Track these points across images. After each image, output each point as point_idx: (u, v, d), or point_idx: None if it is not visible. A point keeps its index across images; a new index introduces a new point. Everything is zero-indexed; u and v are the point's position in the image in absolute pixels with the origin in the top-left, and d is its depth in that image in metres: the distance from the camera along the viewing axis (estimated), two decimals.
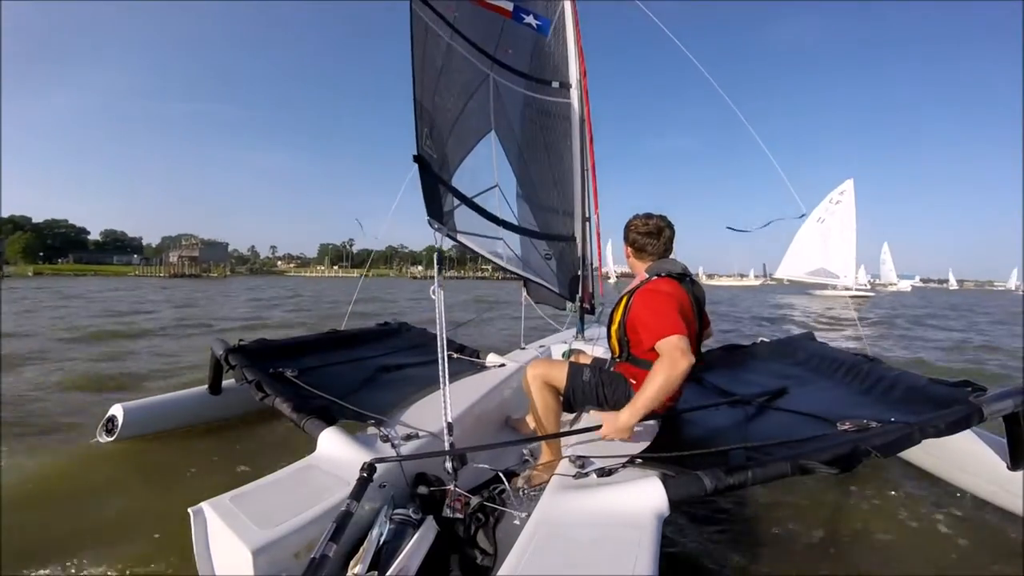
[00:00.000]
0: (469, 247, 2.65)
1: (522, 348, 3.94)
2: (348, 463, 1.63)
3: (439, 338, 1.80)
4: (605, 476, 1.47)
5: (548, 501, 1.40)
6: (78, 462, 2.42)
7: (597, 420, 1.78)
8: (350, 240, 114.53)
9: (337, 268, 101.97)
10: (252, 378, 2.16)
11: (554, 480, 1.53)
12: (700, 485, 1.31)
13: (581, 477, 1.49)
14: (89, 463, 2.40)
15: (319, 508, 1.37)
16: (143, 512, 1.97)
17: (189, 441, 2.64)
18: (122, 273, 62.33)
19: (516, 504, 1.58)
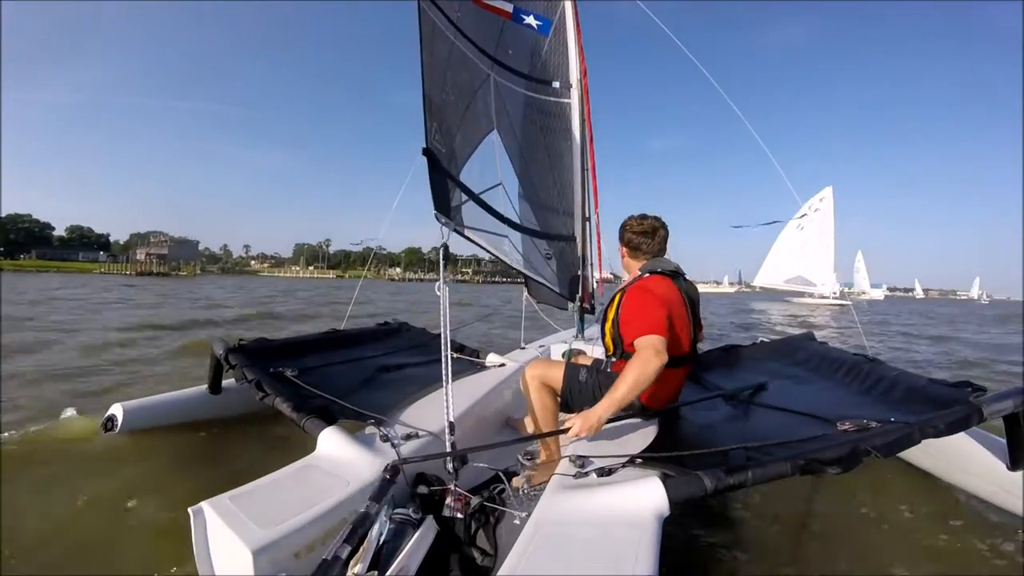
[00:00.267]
0: (477, 243, 2.64)
1: (522, 348, 3.94)
2: (348, 463, 1.63)
3: (443, 336, 1.79)
4: (605, 476, 1.47)
5: (548, 501, 1.40)
6: (78, 461, 2.42)
7: None
8: (326, 240, 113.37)
9: (312, 269, 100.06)
10: (252, 378, 2.16)
11: (554, 480, 1.53)
12: (700, 485, 1.31)
13: (581, 477, 1.49)
14: (89, 462, 2.40)
15: (319, 508, 1.37)
16: (143, 512, 1.97)
17: (189, 440, 2.64)
18: (87, 270, 59.21)
19: (516, 504, 1.58)
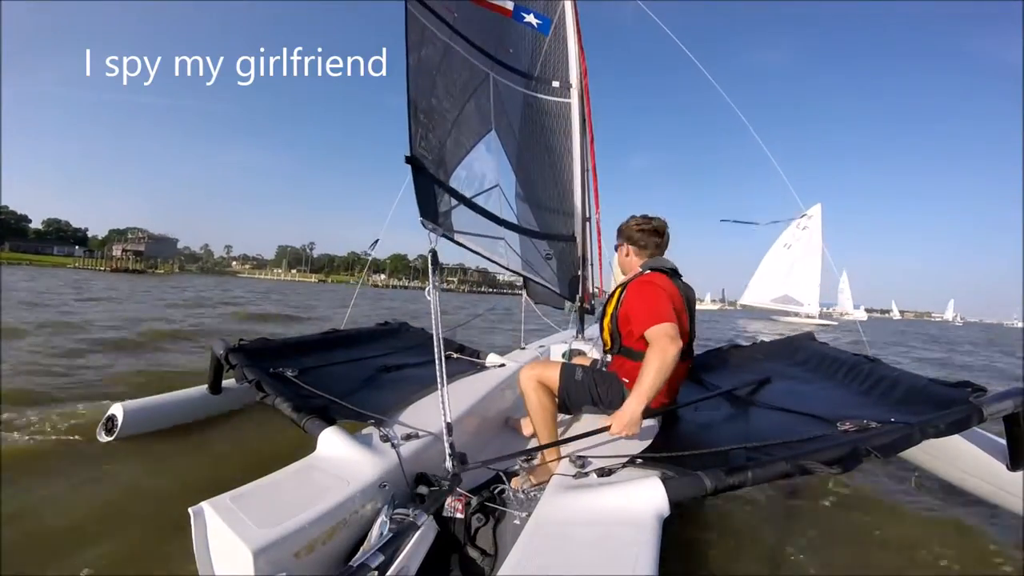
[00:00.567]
0: (468, 247, 2.64)
1: (522, 348, 3.94)
2: (348, 463, 1.63)
3: (435, 340, 1.79)
4: (605, 476, 1.47)
5: (548, 501, 1.40)
6: (77, 461, 2.42)
7: (599, 421, 1.78)
8: (311, 244, 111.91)
9: (295, 272, 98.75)
10: (252, 378, 2.16)
11: (554, 480, 1.53)
12: (700, 485, 1.31)
13: (581, 477, 1.49)
14: (88, 462, 2.40)
15: (319, 508, 1.37)
16: (143, 512, 1.97)
17: (189, 440, 2.64)
18: (60, 265, 57.06)
19: (516, 504, 1.58)
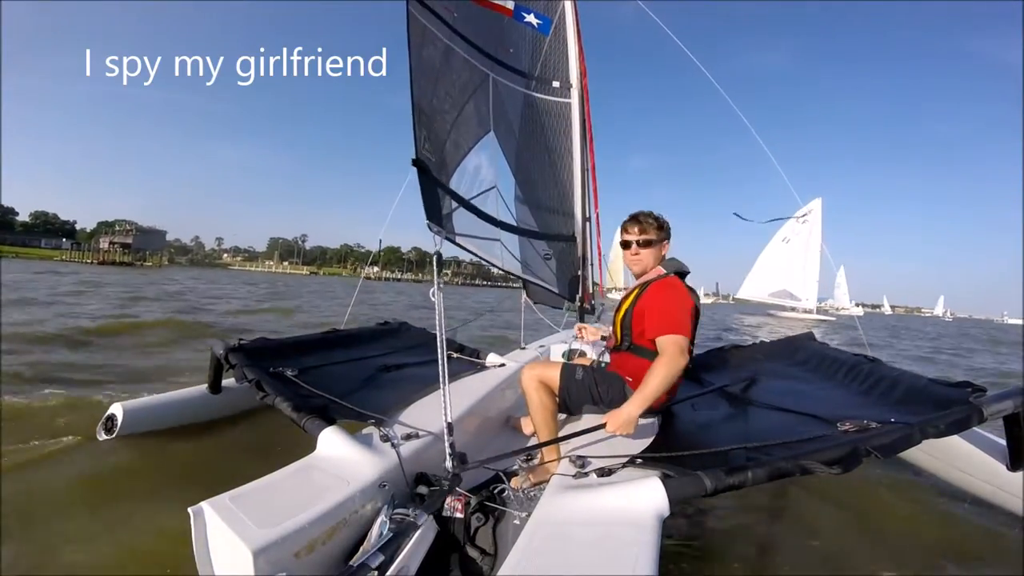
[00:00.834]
0: (469, 250, 2.64)
1: (522, 348, 3.95)
2: (348, 463, 1.63)
3: (439, 339, 1.79)
4: (605, 476, 1.47)
5: (548, 501, 1.40)
6: (77, 461, 2.41)
7: (597, 421, 1.78)
8: (303, 236, 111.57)
9: (287, 264, 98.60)
10: (252, 377, 2.16)
11: (554, 480, 1.53)
12: (700, 485, 1.31)
13: (581, 477, 1.49)
14: (88, 462, 2.40)
15: (319, 508, 1.37)
16: (143, 512, 1.97)
17: (189, 440, 2.64)
18: (48, 257, 56.46)
19: (516, 504, 1.58)
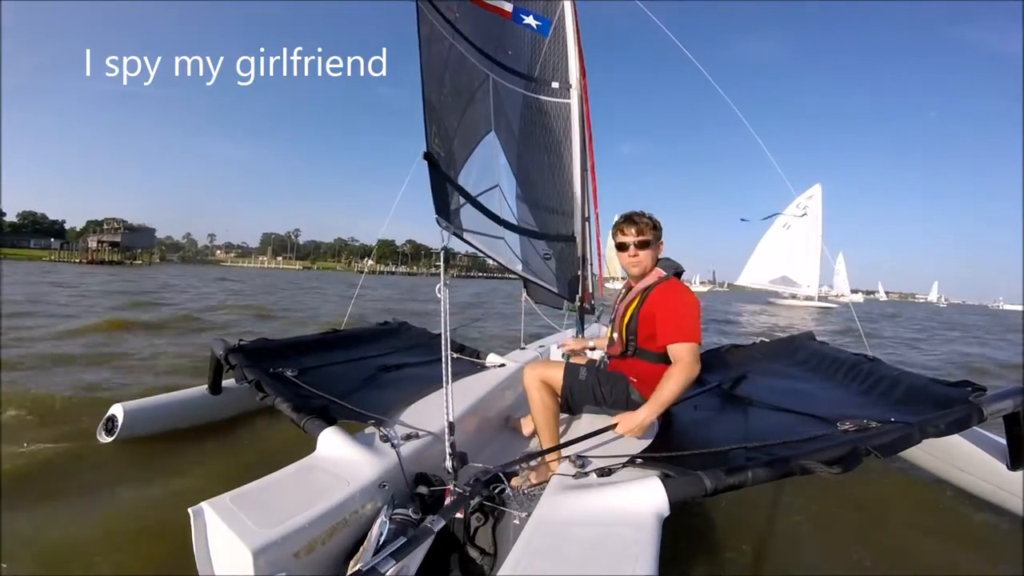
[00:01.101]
0: (475, 246, 2.64)
1: (522, 348, 3.95)
2: (348, 463, 1.63)
3: (443, 337, 1.79)
4: (605, 476, 1.47)
5: (548, 501, 1.40)
6: (78, 461, 2.41)
7: (599, 421, 1.78)
8: (296, 230, 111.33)
9: (280, 259, 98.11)
10: (252, 378, 2.16)
11: (554, 480, 1.53)
12: (700, 485, 1.31)
13: (581, 477, 1.49)
14: (89, 462, 2.40)
15: (319, 508, 1.37)
16: (143, 512, 1.97)
17: (189, 441, 2.64)
18: (36, 258, 55.54)
19: (516, 504, 1.58)
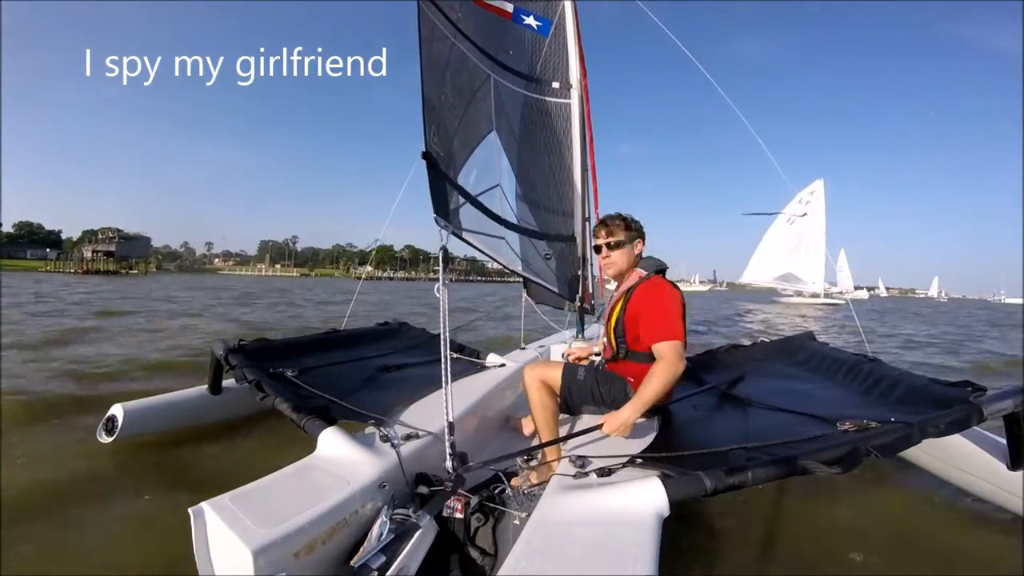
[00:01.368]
0: (475, 246, 2.65)
1: (522, 348, 3.95)
2: (348, 463, 1.63)
3: (442, 337, 1.80)
4: (605, 476, 1.47)
5: (548, 501, 1.40)
6: (78, 462, 2.42)
7: (598, 421, 1.78)
8: (294, 237, 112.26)
9: (278, 267, 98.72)
10: (252, 378, 2.16)
11: (554, 480, 1.53)
12: (700, 485, 1.31)
13: (581, 477, 1.49)
14: (89, 463, 2.40)
15: (319, 508, 1.37)
16: (143, 512, 1.97)
17: (189, 441, 2.64)
18: (32, 268, 55.56)
19: (516, 504, 1.58)
